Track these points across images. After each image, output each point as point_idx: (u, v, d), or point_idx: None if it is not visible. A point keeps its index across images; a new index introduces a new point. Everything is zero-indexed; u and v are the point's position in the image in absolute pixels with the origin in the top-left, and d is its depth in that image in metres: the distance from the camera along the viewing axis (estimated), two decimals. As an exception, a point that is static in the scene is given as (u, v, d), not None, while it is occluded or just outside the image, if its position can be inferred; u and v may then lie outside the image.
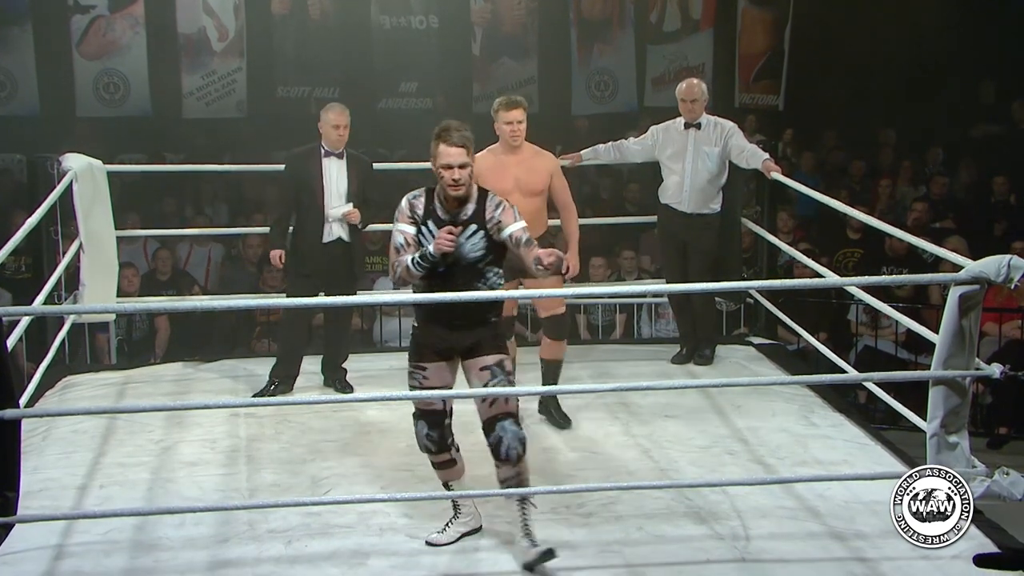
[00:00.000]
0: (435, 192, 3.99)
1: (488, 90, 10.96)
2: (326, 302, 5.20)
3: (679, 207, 6.07)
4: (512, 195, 4.87)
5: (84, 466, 4.81)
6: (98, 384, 5.98)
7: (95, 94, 10.38)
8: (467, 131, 3.95)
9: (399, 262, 3.93)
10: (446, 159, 3.90)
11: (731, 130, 6.05)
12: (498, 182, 4.88)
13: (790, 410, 5.50)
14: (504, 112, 5.09)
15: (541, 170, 5.13)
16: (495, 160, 5.08)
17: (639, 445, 5.06)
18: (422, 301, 3.98)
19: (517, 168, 5.09)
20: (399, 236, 3.96)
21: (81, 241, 5.90)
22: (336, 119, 5.59)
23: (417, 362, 4.05)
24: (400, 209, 3.98)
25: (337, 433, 5.21)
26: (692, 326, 6.22)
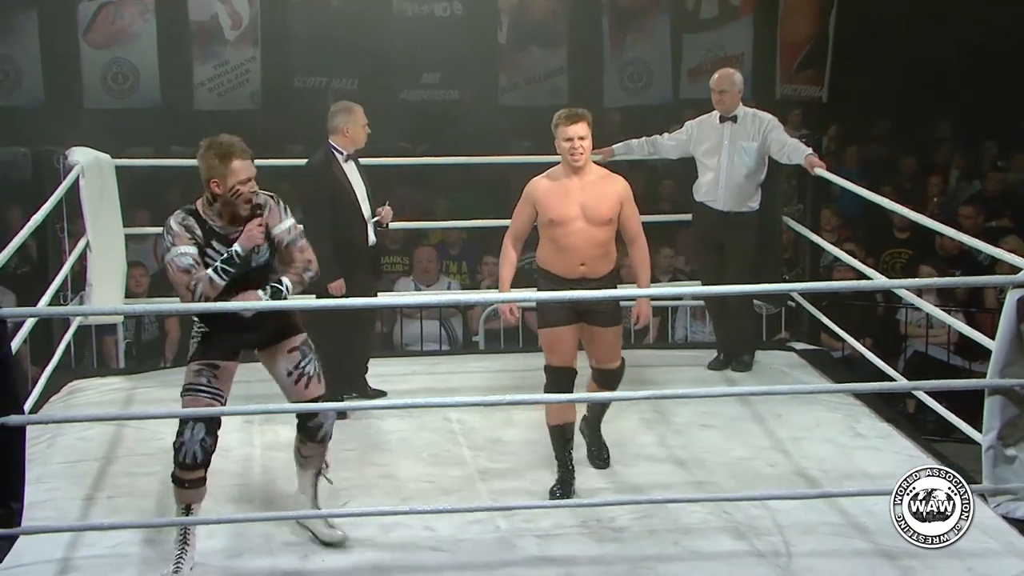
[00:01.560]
0: (199, 212, 4.06)
1: (515, 80, 10.97)
2: (349, 303, 5.17)
3: (714, 205, 6.05)
4: (576, 223, 4.54)
5: (91, 476, 4.85)
6: (105, 389, 6.02)
7: (103, 85, 10.45)
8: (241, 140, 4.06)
9: (197, 279, 3.98)
10: (244, 174, 4.00)
11: (770, 124, 6.02)
12: (561, 209, 4.55)
13: (835, 420, 5.47)
14: (563, 127, 4.57)
15: (610, 196, 4.59)
16: (556, 185, 4.60)
17: (674, 456, 5.05)
18: (441, 304, 4.01)
19: (582, 193, 4.57)
20: (186, 258, 3.98)
21: (88, 239, 5.94)
22: (364, 119, 5.54)
23: (209, 359, 4.07)
24: (174, 232, 4.00)
25: (355, 442, 5.23)
26: (730, 330, 6.20)
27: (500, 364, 6.42)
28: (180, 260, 3.99)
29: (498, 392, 5.67)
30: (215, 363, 4.10)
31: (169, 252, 4.02)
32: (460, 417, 5.50)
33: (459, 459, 5.06)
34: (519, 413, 5.51)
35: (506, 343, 7.41)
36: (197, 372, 4.10)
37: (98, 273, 5.95)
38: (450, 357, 6.76)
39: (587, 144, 4.57)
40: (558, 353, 4.62)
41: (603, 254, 4.58)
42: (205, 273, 3.99)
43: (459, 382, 6.11)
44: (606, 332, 4.61)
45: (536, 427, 5.33)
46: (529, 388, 5.86)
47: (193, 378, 4.10)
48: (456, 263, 8.38)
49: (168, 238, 4.02)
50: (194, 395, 4.09)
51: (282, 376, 4.20)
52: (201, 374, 4.09)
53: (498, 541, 4.26)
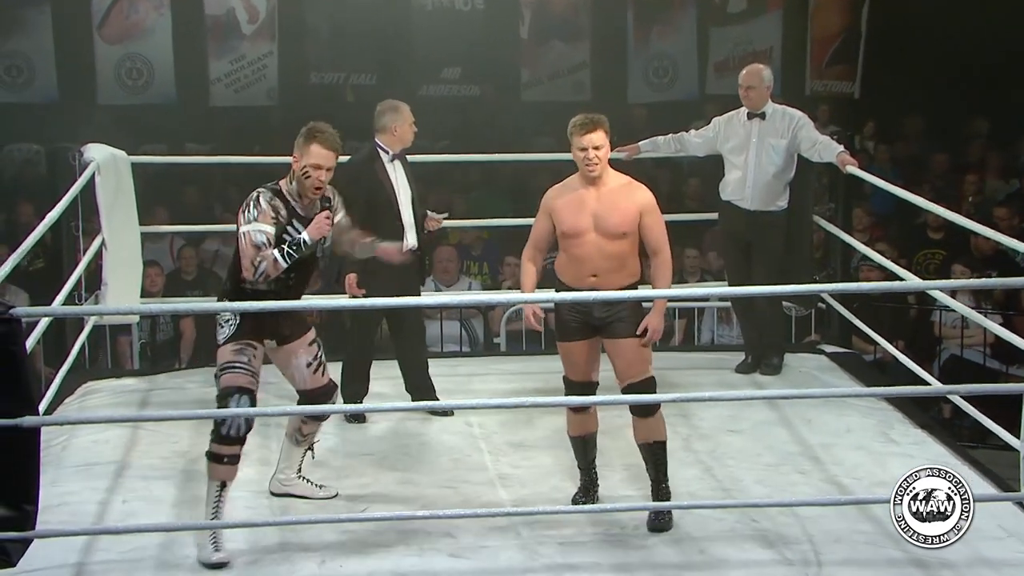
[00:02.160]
0: (282, 191, 4.34)
1: (537, 75, 10.97)
2: (368, 303, 5.17)
3: (741, 204, 6.04)
4: (587, 235, 4.42)
5: (106, 479, 4.88)
6: (120, 391, 6.06)
7: (117, 80, 10.51)
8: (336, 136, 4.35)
9: (262, 257, 4.23)
10: (317, 159, 4.29)
11: (800, 121, 6.00)
12: (573, 220, 4.43)
13: (867, 425, 5.45)
14: (578, 136, 4.41)
15: (627, 208, 4.42)
16: (571, 196, 4.48)
17: (700, 462, 5.05)
18: (462, 304, 4.05)
19: (597, 204, 4.43)
20: (260, 235, 4.24)
21: (103, 237, 5.97)
22: (411, 116, 5.52)
23: (248, 340, 4.29)
24: (261, 209, 4.26)
25: (374, 446, 5.24)
26: (758, 333, 6.19)
27: (522, 366, 6.43)
28: (255, 235, 4.23)
29: (520, 395, 5.68)
30: (253, 344, 4.32)
31: (248, 224, 4.24)
32: (481, 421, 5.51)
33: (480, 464, 5.06)
34: (541, 417, 5.51)
35: (528, 345, 7.41)
36: (238, 351, 4.29)
37: (113, 272, 5.98)
38: (471, 359, 6.77)
39: (603, 154, 4.43)
40: (573, 367, 4.58)
41: (617, 267, 4.45)
42: (272, 253, 4.23)
43: (480, 385, 6.11)
44: (624, 344, 4.45)
45: (559, 431, 5.32)
46: (552, 391, 5.85)
47: (233, 356, 4.29)
48: (477, 263, 8.40)
49: (253, 211, 4.25)
50: (236, 372, 4.27)
51: (301, 368, 4.47)
52: (242, 352, 4.29)
53: (520, 548, 4.26)
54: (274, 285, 4.32)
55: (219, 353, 4.31)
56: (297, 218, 4.32)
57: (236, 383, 4.26)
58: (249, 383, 4.28)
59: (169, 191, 8.93)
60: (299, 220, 4.32)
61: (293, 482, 4.68)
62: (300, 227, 4.31)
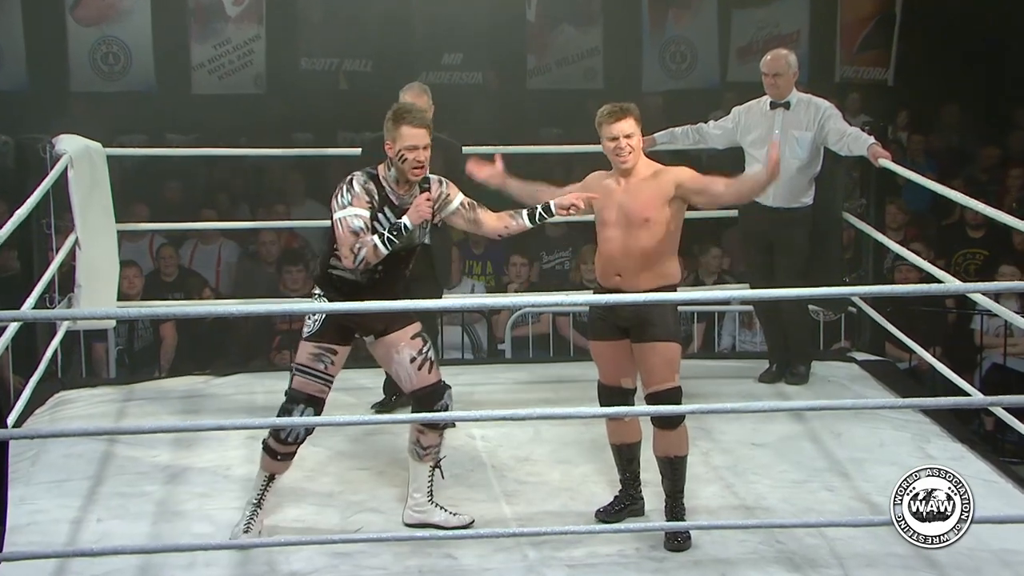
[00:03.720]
0: (379, 176, 4.42)
1: (544, 62, 10.98)
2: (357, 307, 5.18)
3: (763, 201, 6.00)
4: (610, 229, 4.50)
5: (79, 496, 4.87)
6: (95, 401, 6.06)
7: (92, 66, 10.54)
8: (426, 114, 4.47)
9: (362, 243, 4.30)
10: (411, 140, 4.34)
11: (827, 112, 5.98)
12: (602, 211, 4.54)
13: (902, 439, 5.45)
14: (607, 125, 4.50)
15: (651, 193, 4.48)
16: (605, 185, 4.58)
17: (721, 478, 5.04)
18: (464, 308, 4.05)
19: (623, 195, 4.51)
20: (357, 220, 4.33)
21: (77, 236, 5.98)
22: (412, 100, 5.54)
23: (328, 344, 4.41)
24: (354, 193, 4.36)
25: (370, 460, 5.24)
26: (782, 339, 6.18)
27: (529, 375, 6.43)
28: (352, 221, 4.32)
29: (527, 406, 5.67)
30: (334, 348, 4.42)
31: (344, 210, 4.34)
32: (484, 434, 5.50)
33: (483, 480, 5.06)
34: (549, 429, 5.50)
35: (535, 352, 7.42)
36: (316, 356, 4.40)
37: (88, 273, 5.99)
38: (473, 367, 6.76)
39: (635, 142, 4.50)
40: (602, 369, 4.64)
41: (643, 266, 4.48)
42: (371, 239, 4.30)
43: (484, 395, 6.11)
44: (649, 349, 4.48)
45: (568, 445, 5.34)
46: (561, 402, 5.88)
47: (310, 361, 4.40)
48: (480, 263, 8.41)
49: (347, 196, 4.36)
50: (309, 378, 4.40)
51: (404, 363, 4.48)
52: (320, 359, 4.40)
53: (526, 571, 4.25)
54: (362, 277, 4.40)
55: (300, 347, 4.45)
56: (390, 206, 4.38)
57: (306, 391, 4.40)
58: (319, 391, 4.41)
59: (148, 186, 8.94)
60: (391, 208, 4.38)
61: (426, 508, 4.58)
62: (391, 215, 4.37)
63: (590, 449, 5.23)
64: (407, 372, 4.48)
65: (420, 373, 4.48)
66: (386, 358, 4.54)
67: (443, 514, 4.57)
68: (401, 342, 4.47)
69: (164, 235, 8.32)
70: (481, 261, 8.42)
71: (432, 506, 4.58)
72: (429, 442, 4.55)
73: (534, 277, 8.30)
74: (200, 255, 8.50)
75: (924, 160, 9.55)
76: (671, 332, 4.52)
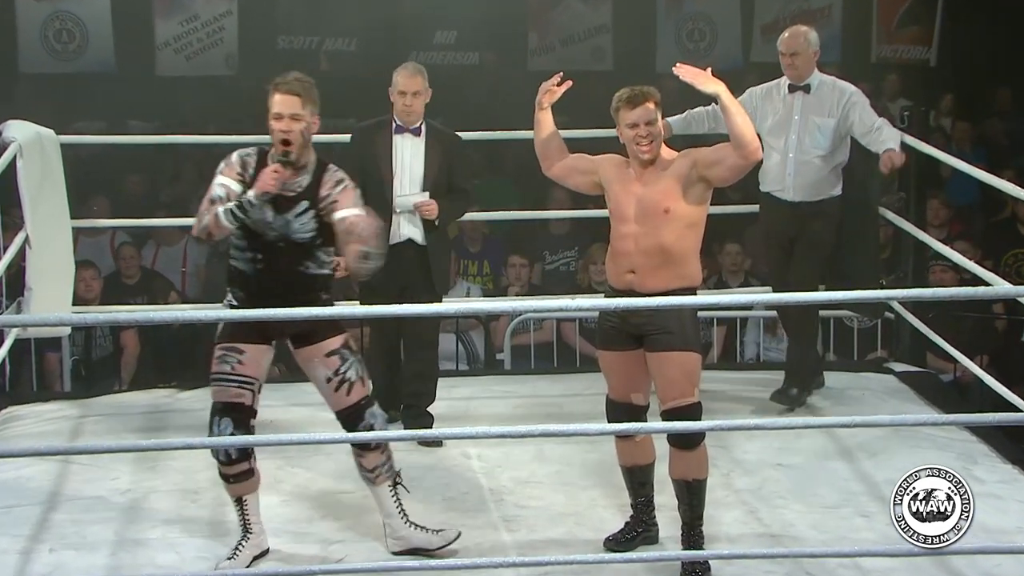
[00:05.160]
0: (266, 154, 4.45)
1: (548, 40, 11.00)
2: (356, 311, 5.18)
3: (782, 195, 5.99)
4: (627, 225, 4.52)
5: (29, 524, 4.87)
6: (48, 417, 6.06)
7: (43, 44, 10.54)
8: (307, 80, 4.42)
9: (210, 210, 4.38)
10: (276, 108, 4.37)
11: (852, 97, 5.95)
12: (618, 201, 4.56)
13: (945, 460, 5.40)
14: (625, 111, 4.53)
15: (669, 180, 4.51)
16: (623, 173, 4.61)
17: (743, 502, 5.05)
18: (459, 314, 4.04)
19: (642, 187, 4.54)
20: (220, 189, 4.41)
21: (27, 233, 5.98)
22: (404, 83, 5.62)
23: (230, 343, 4.44)
24: (229, 163, 4.45)
25: (355, 482, 5.23)
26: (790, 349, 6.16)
27: (530, 388, 6.44)
28: (214, 189, 4.42)
29: (528, 422, 5.67)
30: (238, 347, 4.44)
31: (215, 179, 4.45)
32: (481, 453, 5.51)
33: (480, 503, 5.07)
34: (553, 448, 5.51)
35: (537, 362, 7.42)
36: (220, 359, 4.46)
37: (39, 275, 5.99)
38: (469, 378, 6.77)
39: (656, 130, 4.52)
40: (611, 383, 4.64)
41: (659, 264, 4.49)
42: (218, 208, 4.37)
43: (480, 409, 6.12)
44: (664, 359, 4.48)
45: (573, 465, 5.35)
46: (566, 417, 5.89)
47: (216, 366, 4.46)
48: (476, 263, 8.41)
49: (222, 165, 4.46)
50: (218, 385, 4.45)
51: (321, 382, 4.52)
52: (224, 360, 4.45)
53: (527, 606, 4.27)
54: (246, 266, 4.44)
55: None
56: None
57: (220, 399, 4.45)
58: (235, 396, 4.42)
59: (107, 177, 8.94)
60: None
61: (404, 533, 4.60)
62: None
63: (598, 470, 5.23)
64: (324, 392, 4.52)
65: (337, 395, 4.48)
66: (306, 371, 4.57)
67: (424, 536, 4.59)
68: (316, 358, 4.48)
69: (126, 232, 8.32)
70: (477, 261, 8.42)
71: (410, 528, 4.60)
72: (372, 463, 4.56)
73: (536, 279, 8.31)
74: (165, 255, 8.49)
75: (971, 149, 9.55)
76: (690, 340, 4.52)
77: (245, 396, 4.45)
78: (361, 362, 4.55)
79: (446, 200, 5.67)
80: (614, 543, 4.65)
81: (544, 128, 4.78)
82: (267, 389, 6.25)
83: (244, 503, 4.54)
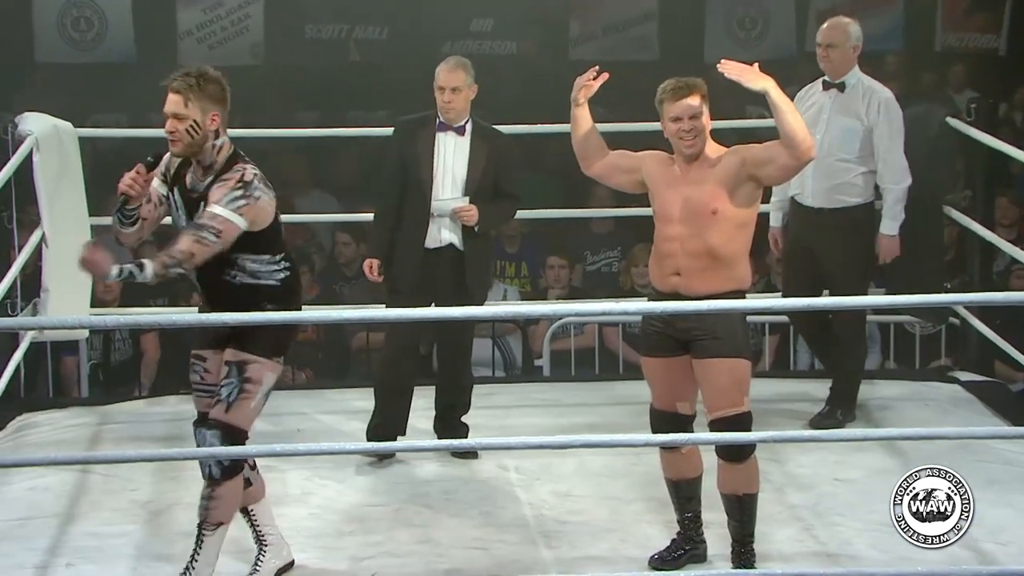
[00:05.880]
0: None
1: (590, 28, 10.97)
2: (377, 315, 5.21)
3: (802, 199, 5.92)
4: (673, 226, 4.51)
5: (46, 537, 4.89)
6: (65, 425, 6.09)
7: (61, 33, 10.58)
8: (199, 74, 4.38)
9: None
10: (165, 105, 4.39)
11: (883, 106, 5.82)
12: (663, 200, 4.56)
13: (1016, 475, 5.42)
14: (669, 103, 4.52)
15: (716, 181, 4.50)
16: (667, 170, 4.61)
17: (798, 519, 5.04)
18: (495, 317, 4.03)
19: (688, 186, 4.54)
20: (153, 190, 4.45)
21: (44, 231, 6.02)
22: (443, 78, 5.56)
23: (196, 349, 4.50)
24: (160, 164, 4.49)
25: (385, 494, 5.25)
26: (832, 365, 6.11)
27: (571, 396, 6.44)
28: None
29: (568, 432, 5.67)
30: (201, 354, 4.49)
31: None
32: (519, 465, 5.51)
33: (518, 518, 5.07)
34: (594, 459, 5.50)
35: (578, 369, 7.41)
36: (191, 368, 4.52)
37: (56, 275, 6.03)
38: (506, 386, 6.78)
39: (701, 124, 4.52)
40: (655, 390, 4.63)
41: (706, 267, 4.49)
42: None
43: (518, 419, 6.13)
44: (712, 367, 4.48)
45: (616, 478, 5.34)
46: (607, 427, 5.88)
47: (191, 376, 4.52)
48: (513, 264, 8.41)
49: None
50: (194, 395, 4.51)
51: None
52: (193, 370, 4.51)
53: (569, 627, 4.27)
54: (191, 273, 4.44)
55: None
56: (180, 186, 4.43)
57: (197, 409, 4.48)
58: (206, 408, 4.43)
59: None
60: (180, 187, 4.43)
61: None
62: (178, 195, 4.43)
63: (642, 484, 5.22)
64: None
65: (217, 406, 4.38)
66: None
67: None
68: (220, 362, 4.44)
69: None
70: (515, 262, 8.42)
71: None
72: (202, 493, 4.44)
73: (576, 281, 8.30)
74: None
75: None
76: (739, 346, 4.51)
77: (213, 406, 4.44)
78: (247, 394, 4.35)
79: (490, 205, 5.62)
80: (660, 561, 4.64)
81: (581, 125, 4.76)
82: (295, 396, 6.41)
83: (251, 515, 4.57)
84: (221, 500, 4.38)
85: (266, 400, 4.43)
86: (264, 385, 4.38)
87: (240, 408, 4.34)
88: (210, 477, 4.37)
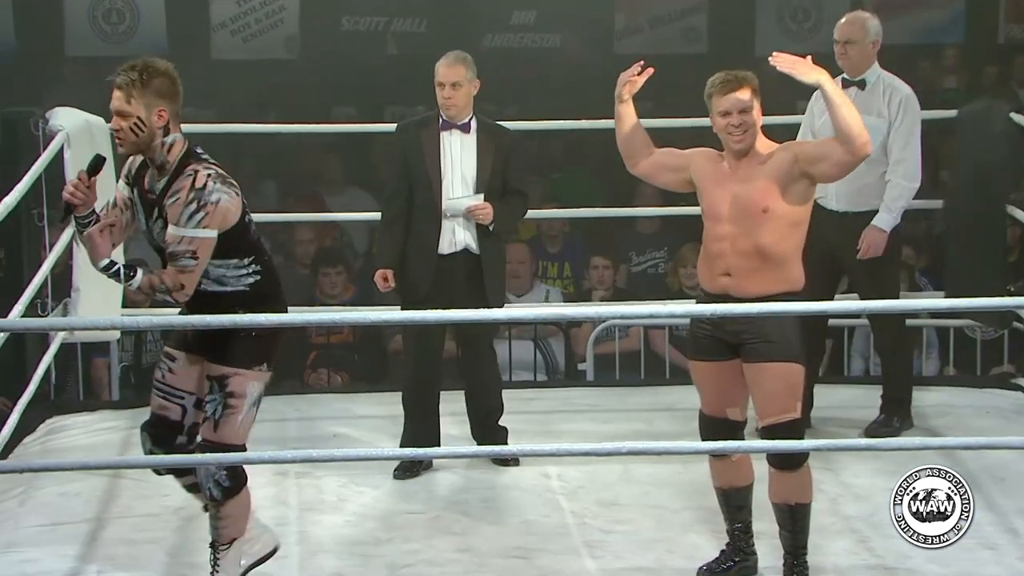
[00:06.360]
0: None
1: (635, 21, 10.97)
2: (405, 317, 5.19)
3: (826, 203, 5.86)
4: (722, 225, 4.51)
5: (76, 543, 4.92)
6: (96, 428, 6.14)
7: (92, 25, 10.66)
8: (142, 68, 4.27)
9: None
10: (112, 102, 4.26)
11: (904, 104, 5.78)
12: (712, 199, 4.55)
13: (1079, 486, 5.38)
14: (718, 97, 4.50)
15: (767, 178, 4.49)
16: (716, 167, 4.60)
17: (853, 530, 5.02)
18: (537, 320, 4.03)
19: (737, 184, 4.52)
20: (114, 193, 4.43)
21: (75, 229, 6.05)
22: (442, 73, 5.53)
23: (169, 347, 4.46)
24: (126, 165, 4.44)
25: (423, 502, 5.26)
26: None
27: (615, 401, 6.45)
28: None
29: (613, 439, 5.66)
30: (172, 352, 4.46)
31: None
32: (562, 472, 5.51)
33: (560, 528, 5.06)
34: (640, 467, 5.50)
35: (623, 373, 7.40)
36: (158, 363, 4.50)
37: (88, 274, 6.05)
38: (548, 390, 6.79)
39: (751, 119, 4.49)
40: (704, 395, 4.63)
41: (757, 267, 4.48)
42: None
43: (560, 424, 6.13)
44: (764, 371, 4.47)
45: (663, 486, 5.34)
46: (653, 434, 5.88)
47: (155, 371, 4.49)
48: (556, 265, 8.40)
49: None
50: (152, 392, 4.49)
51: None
52: (159, 367, 4.48)
53: (614, 640, 4.27)
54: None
55: None
56: (139, 187, 4.36)
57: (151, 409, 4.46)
58: (157, 408, 4.43)
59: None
60: (139, 188, 4.36)
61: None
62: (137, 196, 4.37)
63: (690, 492, 5.22)
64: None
65: (205, 425, 4.35)
66: None
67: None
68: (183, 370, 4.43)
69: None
70: (557, 262, 8.41)
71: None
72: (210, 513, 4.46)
73: (621, 282, 8.28)
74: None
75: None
76: (793, 350, 4.49)
77: (170, 410, 4.40)
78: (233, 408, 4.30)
79: (502, 203, 5.60)
80: (708, 573, 4.63)
81: (626, 122, 4.76)
82: (331, 400, 6.42)
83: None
84: (230, 518, 4.39)
85: (257, 409, 4.36)
86: (249, 397, 4.31)
87: (228, 424, 4.29)
88: (213, 499, 4.36)
